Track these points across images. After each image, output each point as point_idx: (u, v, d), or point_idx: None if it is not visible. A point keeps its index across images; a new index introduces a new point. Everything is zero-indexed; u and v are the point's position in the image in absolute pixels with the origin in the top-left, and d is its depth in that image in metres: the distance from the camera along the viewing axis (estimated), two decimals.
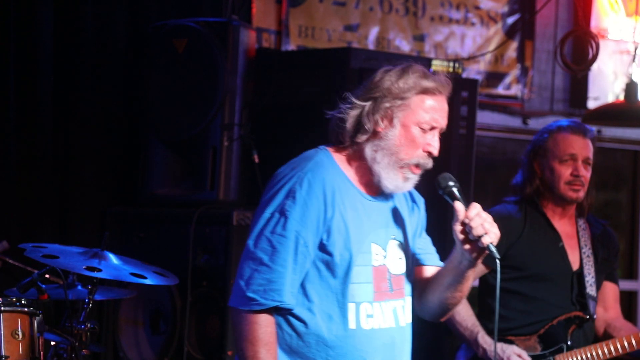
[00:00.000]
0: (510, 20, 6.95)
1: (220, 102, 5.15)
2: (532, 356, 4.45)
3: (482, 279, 4.59)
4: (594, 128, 4.86)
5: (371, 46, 6.38)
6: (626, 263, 7.89)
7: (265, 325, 3.01)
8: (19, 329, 3.75)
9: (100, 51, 5.43)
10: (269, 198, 3.08)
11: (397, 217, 3.19)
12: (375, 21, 6.45)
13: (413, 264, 3.26)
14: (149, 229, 5.26)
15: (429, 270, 3.27)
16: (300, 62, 5.49)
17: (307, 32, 6.20)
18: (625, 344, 4.46)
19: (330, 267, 3.05)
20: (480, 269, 4.42)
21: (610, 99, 7.12)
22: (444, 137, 5.54)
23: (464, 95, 5.59)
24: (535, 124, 7.12)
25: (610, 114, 6.71)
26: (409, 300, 3.22)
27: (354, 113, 3.10)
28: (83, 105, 5.39)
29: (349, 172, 3.12)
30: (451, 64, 5.58)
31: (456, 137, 5.55)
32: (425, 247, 3.30)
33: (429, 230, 3.40)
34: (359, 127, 3.08)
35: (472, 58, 6.79)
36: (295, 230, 3.00)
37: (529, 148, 4.70)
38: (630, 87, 6.61)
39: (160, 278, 4.12)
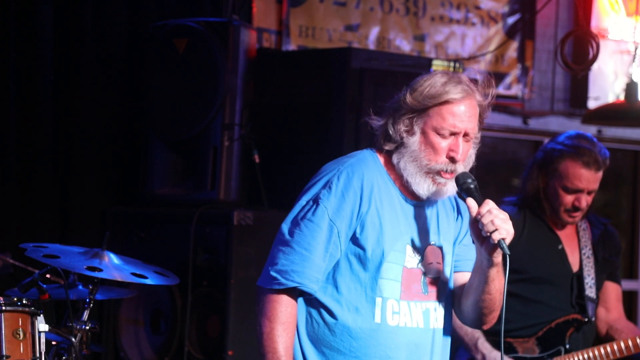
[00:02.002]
0: (511, 20, 6.95)
1: (221, 102, 5.15)
2: (530, 358, 4.44)
3: None
4: (595, 129, 4.82)
5: (372, 46, 6.38)
6: (626, 263, 7.89)
7: (285, 305, 3.07)
8: (20, 329, 3.75)
9: (100, 51, 5.43)
10: (307, 188, 3.14)
11: (439, 224, 3.22)
12: (376, 21, 6.45)
13: (453, 270, 3.28)
14: (149, 229, 5.27)
15: (465, 277, 3.27)
16: (301, 62, 5.49)
17: (308, 32, 6.20)
18: (623, 347, 4.45)
19: (361, 260, 3.09)
20: None
21: (610, 98, 7.12)
22: None
23: None
24: (535, 123, 7.13)
25: (611, 114, 6.71)
26: (442, 305, 3.22)
27: (383, 122, 3.17)
28: (83, 105, 5.40)
29: (393, 174, 3.16)
30: (452, 64, 5.58)
31: None
32: (464, 254, 3.29)
33: None
34: (386, 135, 3.15)
35: (472, 58, 6.79)
36: (326, 218, 3.06)
37: (539, 155, 4.60)
38: (630, 87, 6.61)
39: (160, 278, 4.12)
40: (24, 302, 3.79)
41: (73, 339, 3.99)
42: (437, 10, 6.67)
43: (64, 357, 4.05)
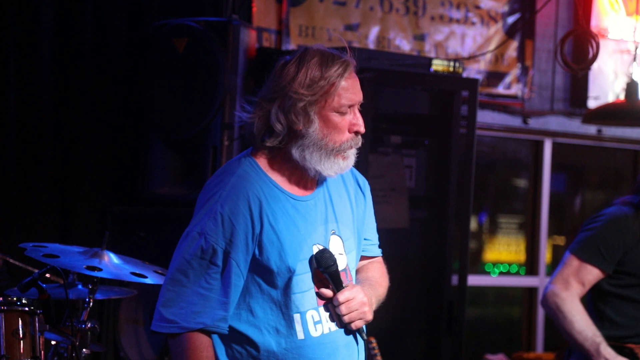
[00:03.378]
0: (511, 19, 6.95)
1: (221, 101, 5.15)
2: None
3: (596, 285, 4.40)
4: (595, 129, 4.80)
5: (372, 46, 6.38)
6: None
7: (200, 350, 2.93)
8: (20, 329, 3.75)
9: (100, 51, 5.43)
10: (194, 215, 3.00)
11: (335, 209, 3.09)
12: (376, 21, 6.45)
13: (361, 253, 3.20)
14: (149, 229, 5.26)
15: (364, 262, 3.22)
16: None
17: (308, 31, 6.20)
18: None
19: (269, 280, 2.95)
20: (594, 274, 4.34)
21: (610, 98, 7.12)
22: (445, 136, 5.59)
23: (464, 95, 5.60)
24: (535, 123, 7.13)
25: (611, 113, 6.71)
26: None
27: (260, 114, 2.97)
28: (84, 105, 5.40)
29: (276, 176, 3.01)
30: (451, 63, 5.58)
31: (456, 136, 5.55)
32: (370, 237, 3.22)
33: None
34: (269, 129, 2.96)
35: (472, 57, 6.79)
36: (219, 251, 2.91)
37: None
38: (630, 86, 6.61)
39: (160, 277, 4.12)
40: (24, 301, 3.79)
41: (73, 339, 3.99)
42: (437, 9, 6.67)
43: (64, 357, 4.05)
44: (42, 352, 3.80)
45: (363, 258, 3.22)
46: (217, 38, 5.16)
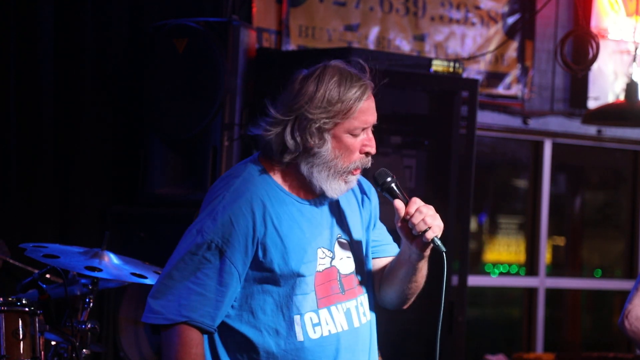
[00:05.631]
0: (511, 20, 6.95)
1: (221, 102, 5.15)
2: None
3: None
4: (595, 130, 4.78)
5: (371, 46, 6.38)
6: (626, 263, 7.89)
7: (190, 346, 2.91)
8: (20, 329, 3.75)
9: (100, 51, 5.43)
10: (198, 216, 3.00)
11: (342, 215, 3.09)
12: (376, 21, 6.45)
13: (371, 256, 3.17)
14: (149, 229, 5.27)
15: (385, 262, 3.19)
16: (301, 62, 5.46)
17: (308, 32, 6.20)
18: None
19: (271, 282, 2.95)
20: None
21: (610, 98, 7.12)
22: (445, 137, 5.59)
23: (464, 95, 5.60)
24: (535, 123, 7.13)
25: (611, 113, 6.72)
26: (364, 298, 3.12)
27: (276, 131, 2.97)
28: (83, 105, 5.40)
29: (282, 180, 3.01)
30: (451, 63, 5.58)
31: (456, 137, 5.56)
32: (380, 239, 3.21)
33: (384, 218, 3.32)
34: (284, 146, 2.96)
35: (472, 58, 6.79)
36: (213, 248, 2.92)
37: None
38: (630, 86, 6.61)
39: None
40: (24, 302, 3.79)
41: (73, 339, 3.99)
42: (437, 10, 6.67)
43: (64, 357, 4.05)
44: (42, 352, 3.81)
45: (382, 259, 3.20)
46: (217, 38, 5.16)
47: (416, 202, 2.98)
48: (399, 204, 2.99)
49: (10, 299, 3.80)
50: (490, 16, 6.88)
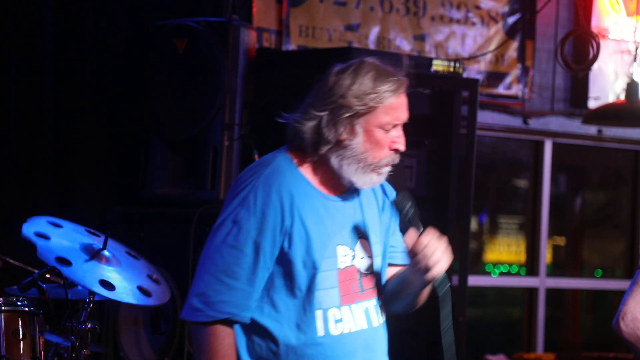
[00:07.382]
0: (511, 20, 6.95)
1: (221, 101, 5.15)
2: None
3: None
4: (595, 129, 4.76)
5: (372, 46, 6.38)
6: (626, 263, 7.89)
7: (222, 338, 2.94)
8: (20, 329, 3.74)
9: (100, 51, 5.43)
10: (227, 203, 3.00)
11: (365, 215, 3.12)
12: (376, 21, 6.45)
13: (387, 260, 3.20)
14: (149, 229, 5.26)
15: (397, 269, 3.21)
16: (301, 61, 5.49)
17: (308, 31, 6.20)
18: None
19: (294, 275, 2.97)
20: None
21: (611, 98, 7.12)
22: (445, 137, 5.59)
23: (464, 95, 5.59)
24: (535, 123, 7.13)
25: (611, 113, 6.72)
26: (380, 299, 3.15)
27: (311, 124, 3.02)
28: (84, 105, 5.40)
29: (309, 174, 3.04)
30: (452, 63, 5.58)
31: (457, 136, 5.55)
32: (397, 245, 3.23)
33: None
34: (319, 138, 3.00)
35: (472, 58, 6.79)
36: (250, 240, 2.94)
37: None
38: (631, 86, 6.61)
39: (157, 281, 4.11)
40: (24, 302, 3.79)
41: (73, 339, 3.98)
42: (437, 10, 6.67)
43: (64, 357, 4.05)
44: (42, 352, 3.80)
45: (394, 266, 3.22)
46: (217, 38, 5.16)
47: (428, 236, 2.99)
48: (409, 237, 3.03)
49: (10, 299, 3.79)
50: (490, 16, 6.88)
